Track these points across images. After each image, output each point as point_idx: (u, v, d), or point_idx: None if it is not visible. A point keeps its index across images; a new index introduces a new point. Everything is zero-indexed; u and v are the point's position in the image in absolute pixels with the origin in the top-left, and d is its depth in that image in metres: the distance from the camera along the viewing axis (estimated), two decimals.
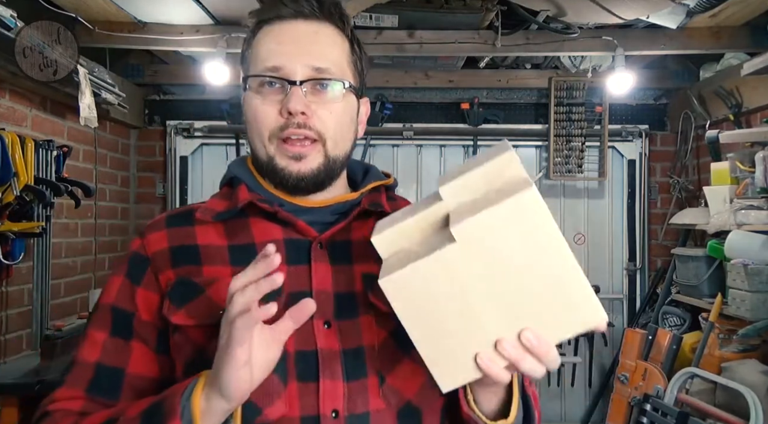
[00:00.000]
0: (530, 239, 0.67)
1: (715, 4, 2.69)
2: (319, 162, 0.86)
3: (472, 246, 0.67)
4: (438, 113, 4.02)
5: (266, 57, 0.86)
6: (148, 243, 0.88)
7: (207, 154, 4.02)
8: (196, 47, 3.11)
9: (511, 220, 0.66)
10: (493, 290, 0.69)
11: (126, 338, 0.85)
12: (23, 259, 2.63)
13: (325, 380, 0.79)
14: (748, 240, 2.69)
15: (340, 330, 0.82)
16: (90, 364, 0.84)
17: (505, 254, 0.67)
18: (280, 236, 0.86)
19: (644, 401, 2.93)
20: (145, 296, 0.85)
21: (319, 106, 0.85)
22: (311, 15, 0.87)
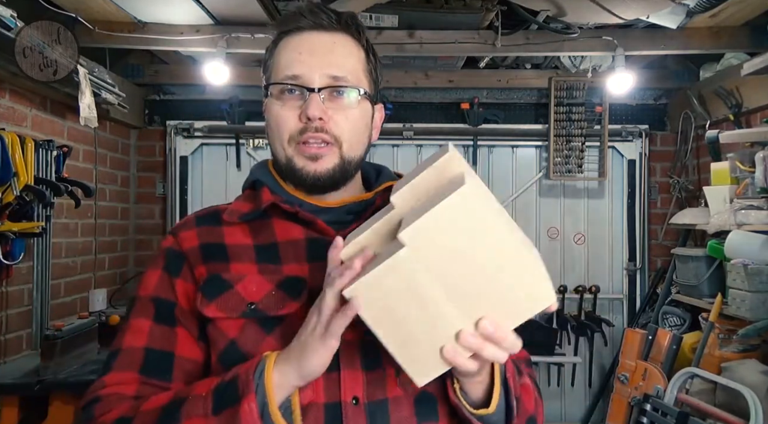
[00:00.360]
0: (472, 232, 0.70)
1: (715, 4, 2.69)
2: (335, 163, 0.92)
3: (421, 248, 0.70)
4: (438, 113, 4.02)
5: (286, 66, 0.92)
6: (181, 240, 0.94)
7: (207, 154, 4.02)
8: (196, 47, 3.11)
9: (451, 217, 0.70)
10: (449, 286, 0.72)
11: (171, 325, 0.90)
12: (23, 259, 2.63)
13: (345, 370, 0.85)
14: (748, 240, 2.69)
15: (357, 323, 0.84)
16: (138, 348, 0.89)
17: (453, 250, 0.71)
18: (301, 235, 0.92)
19: (644, 401, 2.93)
20: (183, 287, 0.91)
21: (336, 111, 0.92)
22: (329, 26, 0.93)
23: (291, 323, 0.85)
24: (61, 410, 2.31)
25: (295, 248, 0.92)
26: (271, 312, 0.86)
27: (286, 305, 0.87)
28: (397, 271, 0.72)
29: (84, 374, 2.35)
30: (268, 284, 0.88)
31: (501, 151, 4.08)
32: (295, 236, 0.92)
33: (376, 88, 1.00)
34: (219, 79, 3.18)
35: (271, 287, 0.88)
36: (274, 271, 0.90)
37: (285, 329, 0.85)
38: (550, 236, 4.07)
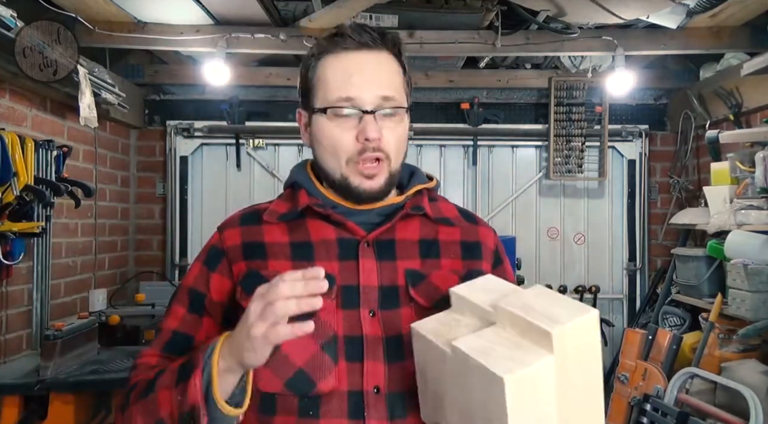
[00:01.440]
0: (491, 403, 0.73)
1: (715, 4, 2.69)
2: (385, 178, 0.99)
3: (457, 367, 0.76)
4: (438, 113, 4.02)
5: (338, 87, 0.97)
6: (225, 238, 1.03)
7: (207, 154, 4.02)
8: (196, 47, 3.11)
9: (487, 386, 0.73)
10: (458, 404, 0.79)
11: (200, 314, 1.02)
12: (23, 259, 2.63)
13: (369, 362, 0.92)
14: (748, 240, 2.69)
15: (383, 319, 0.94)
16: (170, 330, 1.02)
17: (470, 393, 0.76)
18: (333, 235, 0.99)
19: (644, 401, 2.92)
20: (218, 281, 1.01)
21: (387, 130, 0.97)
22: (374, 46, 0.98)
23: (320, 318, 0.91)
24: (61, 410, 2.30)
25: (327, 246, 0.98)
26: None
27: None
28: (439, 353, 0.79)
29: (84, 374, 2.35)
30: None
31: (501, 151, 4.08)
32: (328, 236, 0.99)
33: (409, 100, 1.05)
34: (219, 79, 3.18)
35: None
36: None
37: (315, 323, 0.88)
38: (550, 236, 4.07)
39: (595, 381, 0.79)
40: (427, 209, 1.03)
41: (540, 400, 0.73)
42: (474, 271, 1.02)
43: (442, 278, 0.99)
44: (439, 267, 1.00)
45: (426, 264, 1.00)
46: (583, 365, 0.77)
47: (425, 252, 1.01)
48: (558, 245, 4.07)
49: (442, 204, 1.09)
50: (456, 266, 1.02)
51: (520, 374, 0.70)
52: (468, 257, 1.04)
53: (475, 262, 1.04)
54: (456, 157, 4.06)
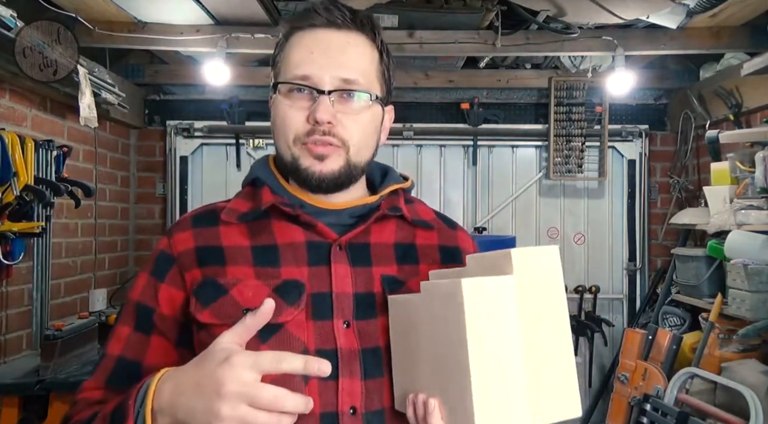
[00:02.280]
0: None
1: (715, 4, 2.69)
2: (340, 165, 0.89)
3: (427, 304, 0.74)
4: (438, 113, 4.02)
5: (297, 64, 0.89)
6: (174, 242, 0.91)
7: (207, 154, 4.02)
8: (196, 47, 3.11)
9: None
10: (428, 349, 0.75)
11: (147, 333, 0.89)
12: (23, 259, 2.63)
13: (344, 379, 0.83)
14: (748, 240, 2.69)
15: (359, 330, 0.86)
16: (114, 356, 0.90)
17: (437, 327, 0.72)
18: (301, 237, 0.90)
19: (644, 401, 2.92)
20: (168, 293, 0.89)
21: (345, 115, 0.88)
22: (344, 25, 0.90)
23: (287, 331, 0.83)
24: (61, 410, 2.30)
25: (295, 251, 0.89)
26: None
27: (283, 311, 0.83)
28: (409, 306, 0.75)
29: (84, 374, 2.35)
30: (265, 289, 0.85)
31: (501, 151, 4.08)
32: (296, 239, 0.89)
33: (388, 91, 0.97)
34: (219, 79, 3.18)
35: (268, 292, 0.85)
36: (272, 275, 0.87)
37: (281, 337, 0.83)
38: (550, 236, 4.07)
39: (561, 316, 0.74)
40: (404, 211, 0.95)
41: (500, 320, 0.69)
42: None
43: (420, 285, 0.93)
44: (417, 273, 0.92)
45: (403, 270, 0.92)
46: (546, 297, 0.74)
47: (402, 257, 0.93)
48: (558, 245, 4.05)
49: (419, 206, 1.01)
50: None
51: (477, 281, 0.68)
52: (447, 262, 0.96)
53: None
54: (456, 157, 4.06)
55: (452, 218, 1.09)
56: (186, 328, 0.88)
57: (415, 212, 0.98)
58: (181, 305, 0.89)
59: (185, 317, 0.88)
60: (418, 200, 1.03)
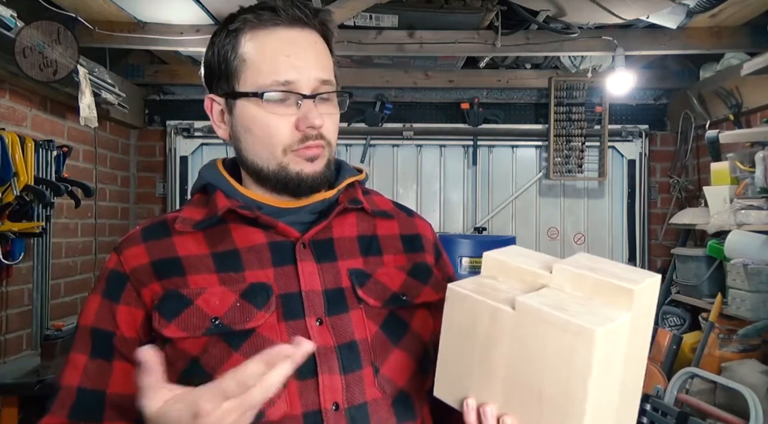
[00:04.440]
0: (566, 364, 0.66)
1: (715, 4, 2.69)
2: (324, 163, 0.89)
3: (522, 325, 0.69)
4: (438, 113, 4.02)
5: (273, 69, 0.85)
6: (125, 259, 0.87)
7: (207, 154, 4.01)
8: (196, 47, 3.11)
9: (568, 342, 0.67)
10: (513, 368, 0.70)
11: (107, 359, 0.84)
12: (23, 259, 2.63)
13: (324, 375, 0.81)
14: (748, 240, 2.69)
15: (333, 326, 0.84)
16: (72, 388, 0.84)
17: (537, 354, 0.68)
18: (263, 239, 0.87)
19: (644, 401, 2.92)
20: (126, 313, 0.84)
21: (326, 116, 0.88)
22: (307, 23, 0.88)
23: (260, 335, 0.81)
24: None
25: (258, 253, 0.86)
26: (237, 326, 0.81)
27: (253, 316, 0.81)
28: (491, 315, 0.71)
29: None
30: (232, 295, 0.82)
31: (501, 151, 4.08)
32: (257, 241, 0.86)
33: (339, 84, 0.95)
34: None
35: (235, 298, 0.82)
36: (237, 279, 0.84)
37: (254, 342, 0.80)
38: (550, 236, 4.07)
39: (646, 345, 0.75)
40: (364, 202, 0.94)
41: (615, 360, 0.68)
42: (420, 264, 0.95)
43: (387, 275, 0.90)
44: (382, 264, 0.91)
45: (369, 262, 0.90)
46: (643, 327, 0.72)
47: (366, 249, 0.92)
48: (558, 245, 4.07)
49: (376, 197, 1.00)
50: (400, 261, 0.94)
51: (610, 328, 0.64)
52: (410, 250, 0.96)
53: (418, 255, 0.96)
54: (456, 157, 4.06)
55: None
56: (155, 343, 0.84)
57: (373, 202, 0.98)
58: (142, 323, 0.84)
59: (148, 335, 0.84)
60: (374, 191, 1.02)
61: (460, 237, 3.64)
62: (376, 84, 3.88)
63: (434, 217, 3.94)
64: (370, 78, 3.84)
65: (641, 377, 0.75)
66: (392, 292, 0.89)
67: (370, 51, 3.23)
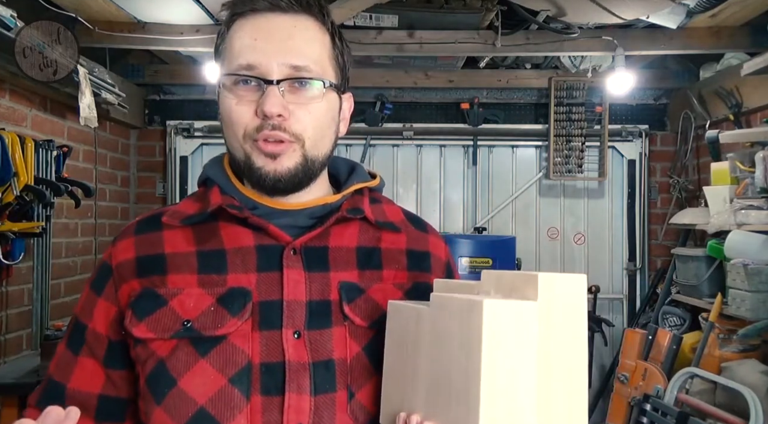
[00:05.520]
0: (465, 346, 0.64)
1: (715, 4, 2.69)
2: (296, 162, 0.81)
3: (435, 318, 0.69)
4: (438, 113, 4.03)
5: (240, 53, 0.80)
6: (115, 252, 0.86)
7: (207, 154, 4.01)
8: (196, 47, 3.11)
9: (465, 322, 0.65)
10: (431, 369, 0.69)
11: (75, 352, 0.85)
12: (23, 259, 2.63)
13: (291, 394, 0.76)
14: (748, 240, 2.69)
15: (310, 341, 0.79)
16: (48, 375, 0.86)
17: (446, 346, 0.67)
18: (251, 241, 0.82)
19: (644, 401, 2.92)
20: (102, 307, 0.84)
21: (298, 106, 0.80)
22: (288, 7, 0.81)
23: (230, 344, 0.77)
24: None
25: (244, 255, 0.81)
26: (207, 332, 0.77)
27: (226, 323, 0.78)
28: (415, 317, 0.71)
29: None
30: (208, 299, 0.79)
31: (501, 151, 4.08)
32: (245, 243, 0.82)
33: (344, 77, 0.88)
34: None
35: (211, 302, 0.79)
36: (217, 282, 0.80)
37: (223, 350, 0.77)
38: (550, 236, 4.07)
39: (580, 352, 0.69)
40: (367, 212, 0.86)
41: (519, 348, 0.64)
42: (420, 284, 0.87)
43: (382, 292, 0.83)
44: (380, 279, 0.85)
45: (365, 276, 0.84)
46: (569, 329, 0.68)
47: (364, 262, 0.85)
48: (558, 245, 4.07)
49: (387, 206, 0.92)
50: (400, 278, 0.86)
51: (499, 303, 0.63)
52: (414, 268, 0.88)
53: (422, 274, 0.88)
54: (456, 157, 4.06)
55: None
56: (114, 344, 0.83)
57: (381, 212, 0.89)
58: (113, 320, 0.83)
59: (117, 333, 0.83)
60: (387, 200, 0.94)
61: (460, 237, 3.65)
62: (376, 84, 3.88)
63: (434, 217, 3.94)
64: (370, 78, 3.84)
65: (580, 376, 0.69)
66: (383, 311, 0.80)
67: (370, 51, 3.23)
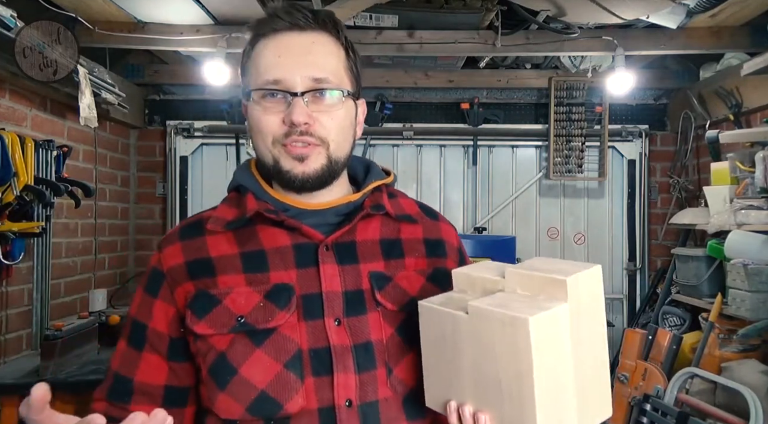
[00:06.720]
0: (513, 353, 0.74)
1: (715, 4, 2.69)
2: (322, 163, 0.91)
3: (475, 326, 0.77)
4: (438, 113, 4.03)
5: (266, 70, 0.90)
6: (164, 258, 0.94)
7: (207, 154, 4.02)
8: (196, 47, 3.11)
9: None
10: (477, 367, 0.78)
11: (138, 349, 0.94)
12: (23, 259, 2.63)
13: (339, 374, 0.86)
14: (748, 240, 2.69)
15: (350, 327, 0.89)
16: (112, 371, 0.95)
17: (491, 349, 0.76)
18: (288, 241, 0.92)
19: (644, 401, 2.92)
20: (161, 308, 0.93)
21: (321, 113, 0.90)
22: (306, 26, 0.91)
23: (281, 334, 0.87)
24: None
25: (283, 254, 0.91)
26: (259, 325, 0.87)
27: (275, 316, 0.87)
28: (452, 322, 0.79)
29: (84, 374, 2.35)
30: (256, 296, 0.89)
31: (501, 151, 4.08)
32: (282, 243, 0.92)
33: (358, 85, 0.98)
34: (219, 79, 3.18)
35: (259, 299, 0.88)
36: (262, 280, 0.90)
37: (275, 340, 0.87)
38: (550, 236, 4.07)
39: (601, 334, 0.82)
40: (388, 207, 0.98)
41: (559, 343, 0.75)
42: (440, 269, 0.98)
43: (407, 279, 0.95)
44: (403, 267, 0.95)
45: (390, 265, 0.95)
46: (591, 317, 0.79)
47: (388, 252, 0.95)
48: (558, 245, 4.07)
49: (402, 200, 1.03)
50: (421, 265, 0.97)
51: (542, 315, 0.72)
52: (432, 255, 1.00)
53: (439, 260, 1.00)
54: (456, 157, 4.06)
55: (452, 218, 1.10)
56: (176, 341, 0.92)
57: (398, 206, 1.01)
58: (173, 319, 0.92)
59: (177, 331, 0.92)
60: (401, 193, 1.05)
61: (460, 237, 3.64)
62: (376, 84, 3.88)
63: None
64: (370, 78, 3.84)
65: (603, 354, 0.83)
66: (410, 296, 0.92)
67: (370, 51, 3.23)
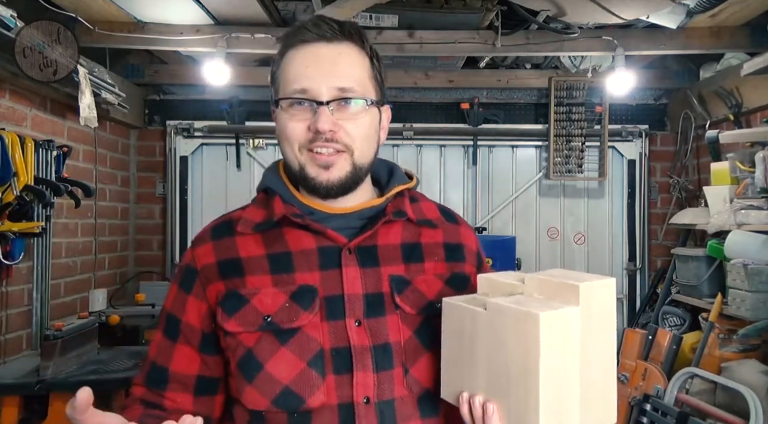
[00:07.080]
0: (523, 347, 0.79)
1: (715, 4, 2.69)
2: (347, 171, 0.96)
3: (492, 321, 0.83)
4: (438, 113, 4.03)
5: (294, 79, 0.95)
6: (197, 256, 1.00)
7: (207, 154, 4.02)
8: (196, 47, 3.11)
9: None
10: (490, 359, 0.84)
11: (173, 340, 1.00)
12: (23, 259, 2.63)
13: (358, 372, 0.91)
14: (748, 240, 2.69)
15: (370, 328, 0.93)
16: (149, 360, 1.02)
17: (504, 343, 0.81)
18: (312, 244, 0.96)
19: (644, 401, 2.92)
20: (194, 304, 0.99)
21: (346, 121, 0.94)
22: (333, 37, 0.96)
23: (304, 334, 0.92)
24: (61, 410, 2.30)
25: (308, 257, 0.96)
26: (285, 325, 0.92)
27: (299, 316, 0.92)
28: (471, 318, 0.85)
29: (84, 374, 2.35)
30: (282, 296, 0.93)
31: (501, 151, 4.08)
32: (307, 246, 0.96)
33: (382, 92, 1.02)
34: (219, 79, 3.18)
35: (285, 299, 0.93)
36: (288, 281, 0.94)
37: (299, 339, 0.92)
38: (550, 236, 4.07)
39: (610, 343, 0.86)
40: (410, 213, 1.01)
41: (566, 346, 0.79)
42: (458, 274, 1.02)
43: (426, 282, 0.98)
44: (422, 271, 0.99)
45: (410, 269, 0.98)
46: (602, 325, 0.84)
47: (408, 256, 0.99)
48: (558, 245, 4.07)
49: (424, 204, 1.06)
50: (440, 269, 1.01)
51: (552, 313, 0.77)
52: (451, 259, 1.03)
53: (458, 264, 1.03)
54: (456, 157, 4.06)
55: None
56: (207, 335, 0.98)
57: (420, 211, 1.04)
58: (205, 315, 0.98)
59: (209, 326, 0.98)
60: (423, 197, 1.08)
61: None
62: None
63: None
64: None
65: (611, 362, 0.87)
66: (428, 300, 0.96)
67: None
